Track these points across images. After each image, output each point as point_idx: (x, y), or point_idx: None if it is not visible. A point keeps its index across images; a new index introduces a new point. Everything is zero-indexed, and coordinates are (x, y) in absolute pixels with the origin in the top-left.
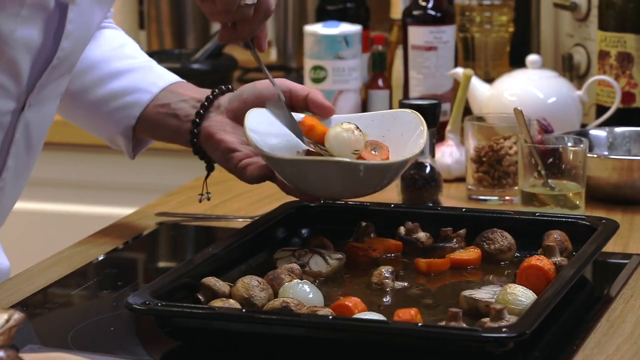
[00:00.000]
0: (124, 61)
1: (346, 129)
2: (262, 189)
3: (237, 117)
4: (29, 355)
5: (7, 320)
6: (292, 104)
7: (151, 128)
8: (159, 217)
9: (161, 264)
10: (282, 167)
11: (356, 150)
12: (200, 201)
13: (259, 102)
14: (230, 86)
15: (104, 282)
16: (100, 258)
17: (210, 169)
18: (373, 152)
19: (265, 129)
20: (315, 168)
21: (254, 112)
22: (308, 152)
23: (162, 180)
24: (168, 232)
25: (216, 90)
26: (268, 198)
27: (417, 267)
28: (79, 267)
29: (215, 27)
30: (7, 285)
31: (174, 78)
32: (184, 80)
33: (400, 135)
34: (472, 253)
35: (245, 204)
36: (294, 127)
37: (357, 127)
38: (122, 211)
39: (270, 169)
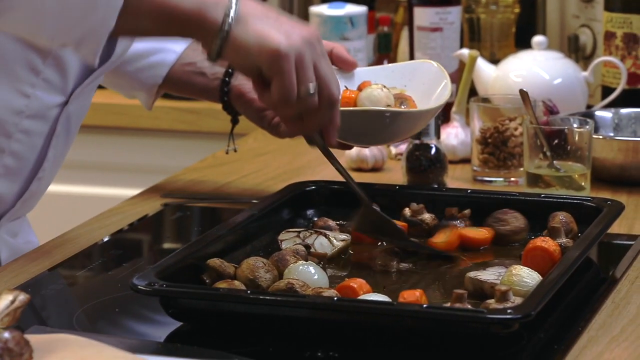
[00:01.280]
0: None
1: (376, 88)
2: (267, 170)
3: None
4: (34, 336)
5: (13, 302)
6: None
7: (177, 86)
8: (164, 199)
9: (166, 245)
10: None
11: (388, 105)
12: (227, 152)
13: None
14: None
15: (109, 263)
16: (106, 239)
17: (235, 122)
18: (402, 106)
19: None
20: (358, 117)
21: None
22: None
23: (167, 162)
24: (173, 213)
25: None
26: (273, 179)
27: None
28: (84, 248)
29: None
30: (13, 267)
31: None
32: None
33: (421, 85)
34: (483, 233)
35: (250, 185)
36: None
37: (385, 86)
38: (127, 192)
39: None
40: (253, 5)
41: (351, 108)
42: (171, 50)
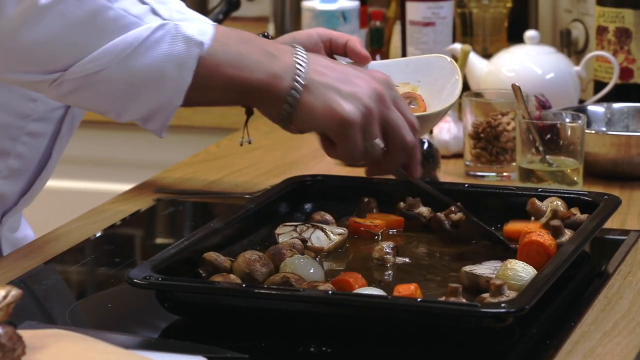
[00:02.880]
0: None
1: None
2: (260, 166)
3: None
4: (26, 332)
5: (5, 297)
6: (332, 51)
7: None
8: (156, 194)
9: (159, 240)
10: None
11: None
12: (241, 144)
13: None
14: (267, 33)
15: (102, 258)
16: (98, 234)
17: (249, 113)
18: (411, 105)
19: None
20: None
21: None
22: None
23: (159, 157)
24: (165, 209)
25: None
26: (266, 174)
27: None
28: (76, 244)
29: (213, 1)
30: (5, 262)
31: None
32: (216, 24)
33: (435, 81)
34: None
35: (243, 180)
36: None
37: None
38: (119, 187)
39: None
40: (320, 66)
41: None
42: None
